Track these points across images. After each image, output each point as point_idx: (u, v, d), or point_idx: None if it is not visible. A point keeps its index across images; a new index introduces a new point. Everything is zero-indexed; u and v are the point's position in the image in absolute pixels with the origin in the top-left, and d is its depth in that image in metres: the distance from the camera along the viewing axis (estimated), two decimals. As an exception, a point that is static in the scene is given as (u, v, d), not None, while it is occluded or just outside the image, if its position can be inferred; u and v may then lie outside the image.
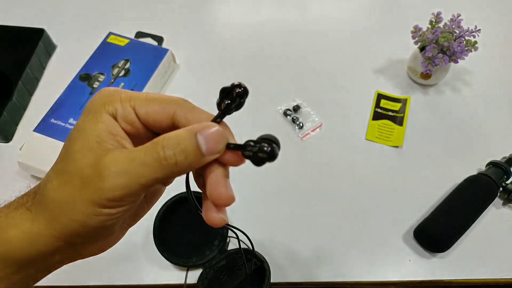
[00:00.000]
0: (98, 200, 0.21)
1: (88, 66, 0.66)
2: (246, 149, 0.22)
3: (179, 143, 0.21)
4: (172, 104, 0.23)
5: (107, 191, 0.21)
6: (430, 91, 0.70)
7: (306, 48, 0.75)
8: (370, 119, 0.66)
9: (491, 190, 0.56)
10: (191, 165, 0.22)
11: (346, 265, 0.53)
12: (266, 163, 0.22)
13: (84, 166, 0.21)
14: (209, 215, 0.24)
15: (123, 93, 0.23)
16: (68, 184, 0.22)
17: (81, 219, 0.21)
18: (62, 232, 0.22)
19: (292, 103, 0.67)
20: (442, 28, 0.63)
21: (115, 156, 0.21)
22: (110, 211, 0.22)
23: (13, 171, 0.60)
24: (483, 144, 0.64)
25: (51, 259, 0.23)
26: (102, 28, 0.72)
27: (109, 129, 0.22)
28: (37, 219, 0.22)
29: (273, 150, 0.22)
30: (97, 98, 0.23)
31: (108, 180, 0.21)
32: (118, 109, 0.23)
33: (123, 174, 0.21)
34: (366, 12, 0.81)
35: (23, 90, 0.66)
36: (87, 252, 0.25)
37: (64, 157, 0.23)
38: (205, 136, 0.21)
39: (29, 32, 0.71)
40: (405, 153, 0.63)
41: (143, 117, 0.23)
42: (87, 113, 0.23)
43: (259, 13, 0.80)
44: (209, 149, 0.22)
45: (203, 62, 0.73)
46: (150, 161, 0.21)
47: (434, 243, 0.53)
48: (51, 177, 0.23)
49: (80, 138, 0.22)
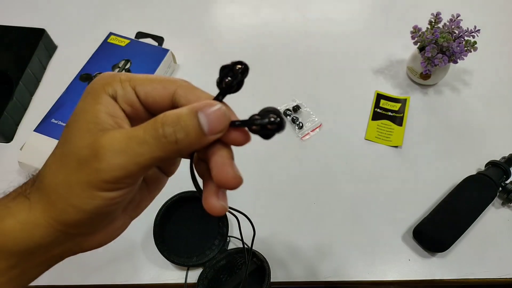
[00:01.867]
0: (94, 181, 0.20)
1: (89, 66, 0.66)
2: (253, 124, 0.21)
3: (179, 120, 0.20)
4: (172, 84, 0.23)
5: (104, 172, 0.20)
6: (430, 91, 0.70)
7: (306, 48, 0.75)
8: (370, 119, 0.66)
9: (490, 190, 0.56)
10: (192, 144, 0.21)
11: (346, 265, 0.54)
12: (275, 134, 0.22)
13: (80, 147, 0.21)
14: (209, 202, 0.23)
15: (122, 75, 0.23)
16: (65, 167, 0.21)
17: (77, 204, 0.20)
18: (59, 219, 0.21)
19: (292, 103, 0.67)
20: (441, 29, 0.63)
21: (112, 135, 0.20)
22: (107, 195, 0.21)
23: (13, 171, 0.60)
24: (482, 144, 0.64)
25: (50, 252, 0.23)
26: (103, 29, 0.72)
27: (108, 110, 0.22)
28: (33, 207, 0.21)
29: (282, 120, 0.21)
30: (97, 80, 0.23)
31: (104, 160, 0.20)
32: (118, 90, 0.22)
33: (121, 153, 0.20)
34: (365, 13, 0.81)
35: (23, 90, 0.67)
36: (87, 245, 0.24)
37: (62, 141, 0.22)
38: (206, 114, 0.21)
39: (29, 32, 0.71)
40: (404, 153, 0.63)
41: (143, 97, 0.23)
42: (85, 95, 0.22)
43: (260, 14, 0.80)
44: (211, 128, 0.21)
45: (203, 63, 0.73)
46: (149, 139, 0.20)
47: (433, 243, 0.53)
48: (49, 162, 0.22)
49: (78, 120, 0.22)
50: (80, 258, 0.53)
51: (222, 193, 0.23)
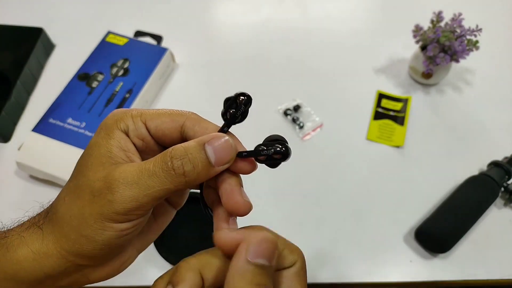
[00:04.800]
0: (107, 213, 0.21)
1: (87, 66, 0.66)
2: (260, 154, 0.23)
3: (187, 153, 0.21)
4: (180, 117, 0.24)
5: (116, 203, 0.21)
6: (432, 91, 0.69)
7: (307, 47, 0.74)
8: (371, 119, 0.65)
9: (492, 190, 0.55)
10: (200, 175, 0.22)
11: (347, 266, 0.53)
12: (281, 163, 0.23)
13: (94, 180, 0.22)
14: (221, 237, 0.21)
15: (134, 110, 0.24)
16: (79, 199, 0.22)
17: (90, 234, 0.21)
18: (71, 250, 0.22)
19: (293, 103, 0.67)
20: (443, 27, 0.62)
21: (125, 168, 0.22)
22: (118, 226, 0.22)
23: (11, 172, 0.60)
24: (484, 144, 0.63)
25: (58, 282, 0.23)
26: (101, 27, 0.72)
27: (120, 145, 0.23)
28: (46, 238, 0.22)
29: (287, 149, 0.23)
30: (110, 117, 0.24)
31: (117, 192, 0.21)
32: (129, 125, 0.23)
33: (132, 185, 0.21)
34: (366, 11, 0.81)
35: (21, 90, 0.66)
36: (94, 276, 0.24)
37: (76, 174, 0.23)
38: (213, 147, 0.22)
39: (27, 31, 0.70)
40: (406, 153, 0.62)
41: (153, 131, 0.24)
42: (99, 131, 0.24)
43: (260, 12, 0.80)
44: (218, 159, 0.22)
45: (203, 62, 0.73)
46: (158, 171, 0.21)
47: (435, 243, 0.53)
48: (62, 194, 0.23)
49: (92, 154, 0.23)
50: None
51: (232, 220, 0.24)
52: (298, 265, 0.23)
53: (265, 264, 0.20)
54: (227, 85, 0.69)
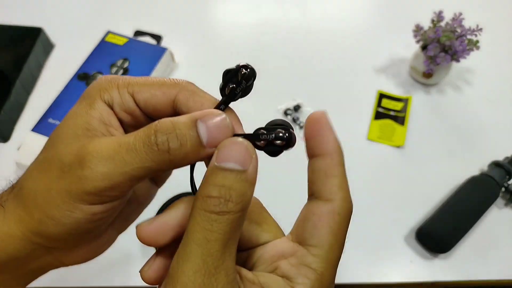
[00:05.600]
0: (76, 191, 0.18)
1: (86, 65, 0.66)
2: (258, 139, 0.19)
3: (174, 128, 0.18)
4: (172, 88, 0.21)
5: (87, 181, 0.18)
6: (432, 91, 0.69)
7: (307, 47, 0.74)
8: (372, 119, 0.65)
9: (493, 190, 0.55)
10: (188, 156, 0.19)
11: (347, 267, 0.53)
12: (283, 151, 0.20)
13: (65, 153, 0.19)
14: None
15: (121, 79, 0.21)
16: (46, 174, 0.19)
17: (56, 215, 0.19)
18: (35, 231, 0.19)
19: (293, 103, 0.67)
20: (443, 27, 0.62)
21: (100, 142, 0.19)
22: (89, 209, 0.19)
23: (11, 172, 0.60)
24: (485, 144, 0.63)
25: (27, 265, 0.21)
26: (100, 27, 0.72)
27: (102, 117, 0.20)
28: (8, 217, 0.19)
29: (291, 135, 0.20)
30: (94, 85, 0.21)
31: (89, 167, 0.18)
32: (115, 97, 0.21)
33: (107, 161, 0.18)
34: (367, 11, 0.81)
35: (21, 90, 0.66)
36: (68, 260, 0.22)
37: (47, 146, 0.20)
38: (206, 125, 0.19)
39: (27, 31, 0.70)
40: (406, 153, 0.62)
41: (142, 105, 0.21)
42: (81, 100, 0.21)
43: (260, 12, 0.79)
44: (211, 140, 0.19)
45: (202, 61, 0.72)
46: (139, 146, 0.18)
47: (436, 244, 0.53)
48: (30, 168, 0.20)
49: (68, 125, 0.20)
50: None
51: None
52: (338, 204, 0.20)
53: (234, 168, 0.18)
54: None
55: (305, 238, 0.20)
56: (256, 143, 0.20)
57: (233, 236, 0.18)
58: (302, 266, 0.19)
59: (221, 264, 0.17)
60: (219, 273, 0.17)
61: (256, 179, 0.19)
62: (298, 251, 0.20)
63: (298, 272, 0.19)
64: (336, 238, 0.20)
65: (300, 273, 0.19)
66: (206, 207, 0.17)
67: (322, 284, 0.19)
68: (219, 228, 0.17)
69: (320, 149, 0.21)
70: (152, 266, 0.21)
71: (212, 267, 0.17)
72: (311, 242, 0.20)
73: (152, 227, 0.20)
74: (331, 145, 0.21)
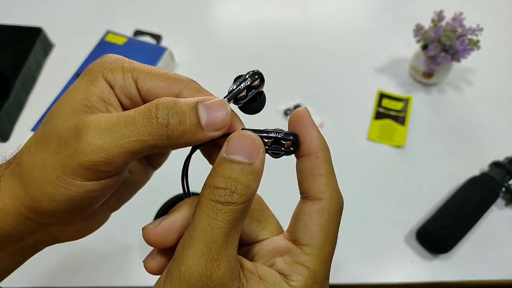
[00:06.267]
0: (70, 165, 0.18)
1: (86, 65, 0.65)
2: (266, 136, 0.20)
3: (176, 105, 0.19)
4: (178, 83, 0.21)
5: (82, 153, 0.18)
6: (433, 91, 0.69)
7: (307, 47, 0.74)
8: (372, 119, 0.65)
9: (493, 190, 0.55)
10: (186, 134, 0.19)
11: (347, 267, 0.53)
12: (285, 153, 0.20)
13: (63, 128, 0.19)
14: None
15: (126, 62, 0.21)
16: (44, 149, 0.19)
17: (50, 192, 0.19)
18: (29, 206, 0.19)
19: (292, 103, 0.66)
20: (444, 27, 0.62)
21: (100, 116, 0.19)
22: (84, 185, 0.19)
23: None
24: (486, 144, 0.63)
25: (22, 241, 0.21)
26: (100, 27, 0.71)
27: (102, 95, 0.20)
28: (3, 193, 0.19)
29: (297, 138, 0.20)
30: (97, 62, 0.21)
31: (85, 139, 0.18)
32: (117, 79, 0.21)
33: (104, 133, 0.18)
34: (367, 11, 0.81)
35: (20, 89, 0.66)
36: (63, 236, 0.22)
37: (45, 121, 0.20)
38: (206, 107, 0.19)
39: (26, 31, 0.70)
40: (407, 153, 0.62)
41: (144, 93, 0.21)
42: (82, 76, 0.21)
43: (260, 11, 0.79)
44: (209, 122, 0.19)
45: (202, 61, 0.72)
46: (138, 118, 0.18)
47: (436, 244, 0.53)
48: (28, 143, 0.20)
49: (67, 99, 0.20)
50: (78, 259, 0.52)
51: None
52: (327, 202, 0.20)
53: (240, 161, 0.18)
54: (227, 85, 0.68)
55: (298, 237, 0.20)
56: (263, 140, 0.20)
57: (236, 226, 0.18)
58: (296, 264, 0.20)
59: (224, 251, 0.18)
60: (221, 259, 0.18)
61: (263, 172, 0.19)
62: (292, 249, 0.20)
63: (292, 269, 0.20)
64: (327, 235, 0.20)
65: (294, 270, 0.20)
66: (212, 197, 0.18)
67: (315, 280, 0.20)
68: (223, 217, 0.18)
69: (305, 148, 0.21)
70: (155, 257, 0.22)
71: (215, 253, 0.18)
72: (303, 241, 0.20)
73: (158, 230, 0.21)
74: (315, 143, 0.21)
